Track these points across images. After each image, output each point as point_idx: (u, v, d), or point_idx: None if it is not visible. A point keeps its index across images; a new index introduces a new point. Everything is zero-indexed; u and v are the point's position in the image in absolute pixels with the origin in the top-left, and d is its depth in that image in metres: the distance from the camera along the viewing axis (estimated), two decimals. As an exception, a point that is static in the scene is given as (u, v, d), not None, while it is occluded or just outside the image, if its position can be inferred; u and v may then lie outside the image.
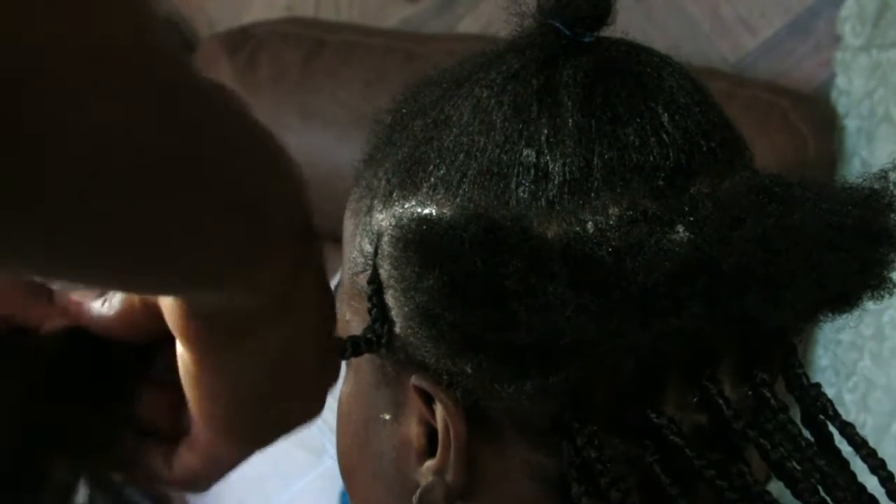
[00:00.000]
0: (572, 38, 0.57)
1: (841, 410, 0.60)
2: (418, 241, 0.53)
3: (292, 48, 1.81)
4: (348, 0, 1.93)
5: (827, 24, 1.67)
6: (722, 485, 0.56)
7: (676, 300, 0.52)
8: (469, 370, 0.53)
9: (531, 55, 0.58)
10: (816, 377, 1.68)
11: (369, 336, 0.58)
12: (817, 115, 1.65)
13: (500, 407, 0.56)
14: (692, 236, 0.53)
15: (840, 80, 1.66)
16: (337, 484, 1.58)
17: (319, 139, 1.77)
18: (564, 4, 0.57)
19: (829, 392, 1.65)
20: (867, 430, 1.63)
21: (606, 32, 0.59)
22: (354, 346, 0.58)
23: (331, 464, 1.59)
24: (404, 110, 0.60)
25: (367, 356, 0.59)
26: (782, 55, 1.71)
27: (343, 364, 0.61)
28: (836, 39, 1.66)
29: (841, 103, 1.67)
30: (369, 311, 0.58)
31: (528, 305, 0.51)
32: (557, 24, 0.57)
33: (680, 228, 0.54)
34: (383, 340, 0.58)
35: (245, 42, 1.84)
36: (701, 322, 0.53)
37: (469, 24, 1.86)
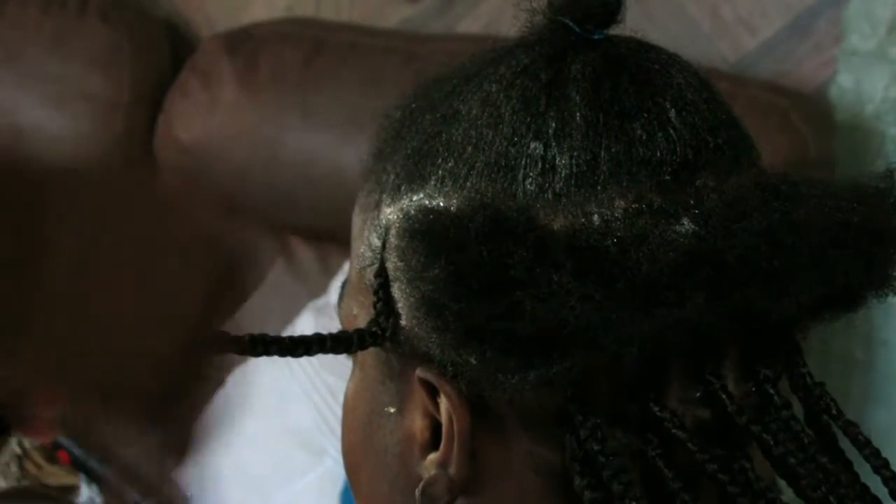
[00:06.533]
0: (582, 35, 0.58)
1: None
2: (424, 231, 0.54)
3: (292, 48, 1.81)
4: (348, 0, 1.93)
5: (828, 24, 1.67)
6: (724, 479, 0.56)
7: (680, 291, 0.53)
8: (473, 361, 0.53)
9: (540, 51, 0.58)
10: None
11: (374, 329, 0.58)
12: (817, 115, 1.65)
13: (504, 399, 0.56)
14: (697, 228, 0.54)
15: (842, 79, 1.66)
16: (337, 485, 1.58)
17: (320, 139, 1.77)
18: (575, 1, 0.58)
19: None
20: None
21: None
22: (360, 340, 0.58)
23: (331, 464, 1.59)
24: (414, 105, 0.61)
25: (372, 350, 0.60)
26: (782, 55, 1.71)
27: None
28: (837, 39, 1.66)
29: (843, 103, 1.66)
30: (374, 305, 0.58)
31: (532, 295, 0.52)
32: (567, 21, 0.58)
33: (685, 220, 0.54)
34: (388, 333, 0.58)
35: (245, 42, 1.84)
36: (704, 313, 0.53)
37: (469, 24, 1.86)
